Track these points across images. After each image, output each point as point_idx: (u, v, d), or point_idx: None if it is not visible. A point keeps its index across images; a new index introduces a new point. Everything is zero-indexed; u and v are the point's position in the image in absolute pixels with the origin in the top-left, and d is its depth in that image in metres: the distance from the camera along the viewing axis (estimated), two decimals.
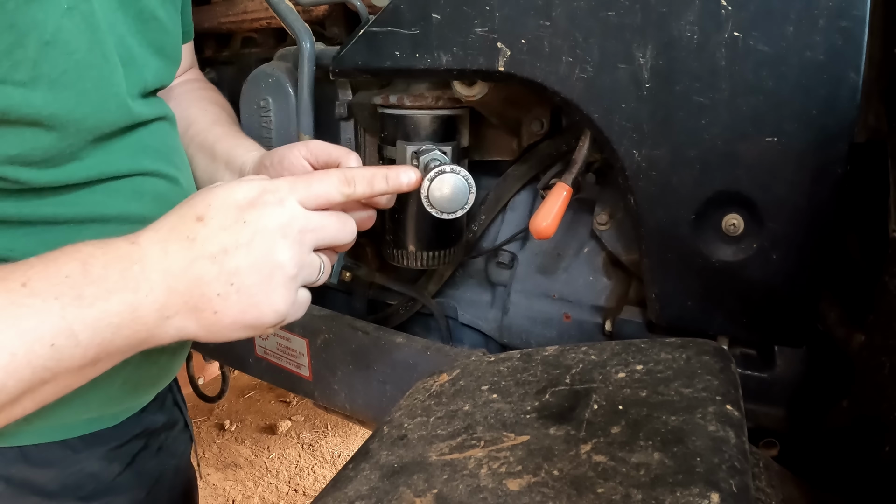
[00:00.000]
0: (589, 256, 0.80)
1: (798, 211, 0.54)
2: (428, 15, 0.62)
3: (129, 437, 0.69)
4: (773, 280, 0.57)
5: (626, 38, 0.55)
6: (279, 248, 0.47)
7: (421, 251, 0.78)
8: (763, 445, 0.65)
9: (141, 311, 0.44)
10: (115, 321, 0.43)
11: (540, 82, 0.60)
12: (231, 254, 0.46)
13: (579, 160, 0.64)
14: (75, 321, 0.41)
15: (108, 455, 0.66)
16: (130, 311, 0.44)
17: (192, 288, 0.46)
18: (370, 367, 0.83)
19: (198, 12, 1.05)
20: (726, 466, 0.34)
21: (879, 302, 0.47)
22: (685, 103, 0.55)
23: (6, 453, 0.57)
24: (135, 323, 0.44)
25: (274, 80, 0.82)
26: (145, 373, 0.65)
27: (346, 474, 0.43)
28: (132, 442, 0.69)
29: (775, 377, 0.65)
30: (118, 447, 0.67)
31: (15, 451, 0.58)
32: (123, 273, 0.44)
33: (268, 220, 0.47)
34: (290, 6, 0.77)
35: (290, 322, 0.51)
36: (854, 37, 0.48)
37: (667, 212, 0.59)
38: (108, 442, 0.66)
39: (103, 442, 0.65)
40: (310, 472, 2.12)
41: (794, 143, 0.52)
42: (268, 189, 0.48)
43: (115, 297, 0.43)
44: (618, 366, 0.47)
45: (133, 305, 0.44)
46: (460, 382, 0.52)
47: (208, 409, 2.39)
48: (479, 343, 0.92)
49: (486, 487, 0.37)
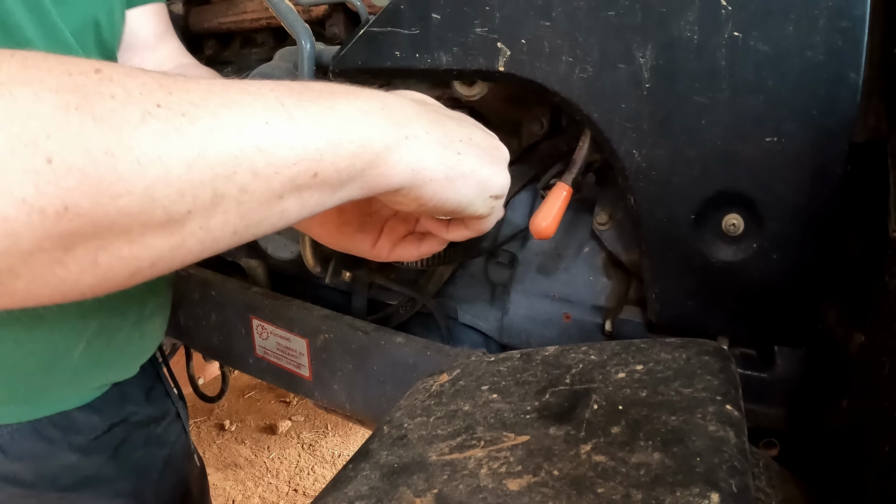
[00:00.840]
0: (589, 256, 0.80)
1: (798, 211, 0.54)
2: (428, 15, 0.62)
3: (106, 426, 0.67)
4: (773, 280, 0.57)
5: (626, 38, 0.55)
6: (500, 143, 0.51)
7: None
8: (763, 445, 0.65)
9: (374, 117, 0.39)
10: (340, 119, 0.37)
11: (540, 82, 0.60)
12: (466, 126, 0.49)
13: (579, 160, 0.64)
14: (292, 106, 0.35)
15: (86, 446, 0.65)
16: (360, 113, 0.39)
17: (435, 125, 0.44)
18: (370, 367, 0.83)
19: (198, 12, 1.05)
20: (726, 466, 0.34)
21: (879, 302, 0.47)
22: (685, 103, 0.55)
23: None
24: (365, 123, 0.39)
25: (274, 80, 0.82)
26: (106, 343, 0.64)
27: (346, 474, 0.43)
28: (112, 432, 0.68)
29: (775, 377, 0.65)
30: (96, 438, 0.66)
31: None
32: (350, 89, 0.40)
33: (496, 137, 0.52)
34: (290, 6, 0.77)
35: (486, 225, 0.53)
36: (854, 37, 0.48)
37: (667, 212, 0.59)
38: (84, 432, 0.65)
39: (79, 432, 0.64)
40: (310, 472, 2.12)
41: (794, 143, 0.52)
42: None
43: (342, 99, 0.38)
44: (618, 366, 0.47)
45: (364, 110, 0.39)
46: (460, 382, 0.52)
47: (208, 409, 2.39)
48: (479, 343, 0.92)
49: (486, 487, 0.37)
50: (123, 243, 0.30)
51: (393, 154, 0.40)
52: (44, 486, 0.63)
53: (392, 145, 0.40)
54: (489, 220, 0.53)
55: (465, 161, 0.45)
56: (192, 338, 1.09)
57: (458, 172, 0.45)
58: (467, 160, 0.46)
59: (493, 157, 0.49)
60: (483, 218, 0.51)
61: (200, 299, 1.04)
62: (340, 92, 0.40)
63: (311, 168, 0.36)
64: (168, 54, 0.80)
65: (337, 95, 0.39)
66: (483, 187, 0.48)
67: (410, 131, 0.41)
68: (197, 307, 1.05)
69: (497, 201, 0.51)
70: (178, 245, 0.32)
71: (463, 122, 0.50)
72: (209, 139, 0.31)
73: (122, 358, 0.68)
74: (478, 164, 0.47)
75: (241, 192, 0.33)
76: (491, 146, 0.50)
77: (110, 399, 0.69)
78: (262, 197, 0.34)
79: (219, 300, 1.02)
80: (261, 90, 0.36)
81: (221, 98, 0.33)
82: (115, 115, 0.29)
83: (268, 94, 0.35)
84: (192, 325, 1.08)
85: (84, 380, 0.64)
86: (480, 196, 0.48)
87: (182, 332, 1.09)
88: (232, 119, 0.33)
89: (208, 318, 1.04)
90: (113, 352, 0.66)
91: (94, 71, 0.30)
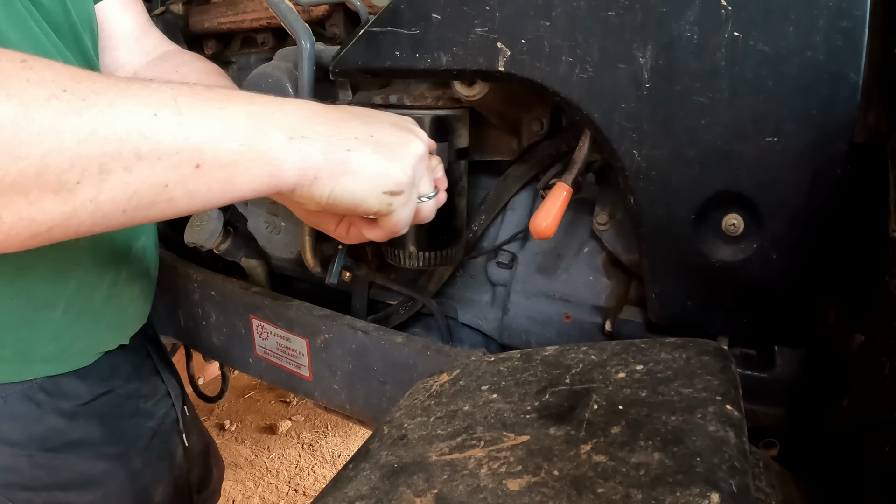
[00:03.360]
0: (589, 256, 0.80)
1: (798, 211, 0.54)
2: (428, 15, 0.62)
3: (92, 395, 0.72)
4: (773, 280, 0.57)
5: (626, 38, 0.55)
6: (414, 140, 0.51)
7: (420, 251, 0.78)
8: (763, 445, 0.65)
9: (261, 120, 0.43)
10: (226, 118, 0.41)
11: (540, 82, 0.60)
12: (376, 123, 0.49)
13: (579, 160, 0.64)
14: (184, 103, 0.40)
15: (72, 412, 0.70)
16: (248, 115, 0.42)
17: (331, 125, 0.46)
18: (370, 367, 0.83)
19: (198, 12, 1.05)
20: (726, 466, 0.34)
21: (879, 302, 0.47)
22: (685, 103, 0.55)
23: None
24: (250, 124, 0.42)
25: (274, 80, 0.82)
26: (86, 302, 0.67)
27: (346, 474, 0.43)
28: (98, 400, 0.73)
29: (775, 377, 0.65)
30: (83, 405, 0.71)
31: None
32: (251, 96, 0.43)
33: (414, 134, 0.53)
34: (290, 6, 0.77)
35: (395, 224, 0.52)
36: (854, 37, 0.48)
37: (667, 212, 0.59)
38: (70, 398, 0.70)
39: (66, 398, 0.69)
40: (310, 472, 2.12)
41: (794, 143, 0.52)
42: None
43: (237, 102, 0.42)
44: (618, 366, 0.47)
45: (253, 113, 0.42)
46: (460, 382, 0.52)
47: (208, 409, 2.39)
48: (479, 343, 0.92)
49: (486, 487, 0.37)
50: (23, 204, 0.36)
51: (278, 154, 0.43)
52: (32, 447, 0.67)
53: (276, 146, 0.43)
54: (394, 218, 0.52)
55: (355, 157, 0.46)
56: (192, 338, 1.09)
57: (345, 169, 0.46)
58: (357, 156, 0.47)
59: (392, 154, 0.49)
60: (387, 216, 0.51)
61: (200, 299, 1.04)
62: (239, 97, 0.43)
63: (194, 158, 0.40)
64: (153, 44, 0.82)
65: (233, 99, 0.43)
66: (374, 183, 0.48)
67: (298, 132, 0.44)
68: (197, 307, 1.05)
69: (395, 198, 0.50)
70: (71, 214, 0.38)
71: (372, 121, 0.50)
72: (100, 121, 0.37)
73: (103, 321, 0.71)
74: (370, 161, 0.47)
75: (126, 172, 0.38)
76: (397, 142, 0.50)
77: (98, 370, 0.73)
78: (148, 181, 0.39)
79: (219, 300, 1.02)
80: (161, 88, 0.40)
81: (121, 90, 0.38)
82: (27, 93, 0.35)
83: (165, 91, 0.40)
84: (192, 325, 1.08)
85: (68, 340, 0.67)
86: (373, 193, 0.48)
87: (182, 332, 1.09)
88: (125, 107, 0.38)
89: (208, 318, 1.04)
90: (93, 313, 0.69)
91: (21, 61, 0.36)
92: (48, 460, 0.69)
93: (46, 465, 0.69)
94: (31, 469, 0.68)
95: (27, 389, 0.66)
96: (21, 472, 0.68)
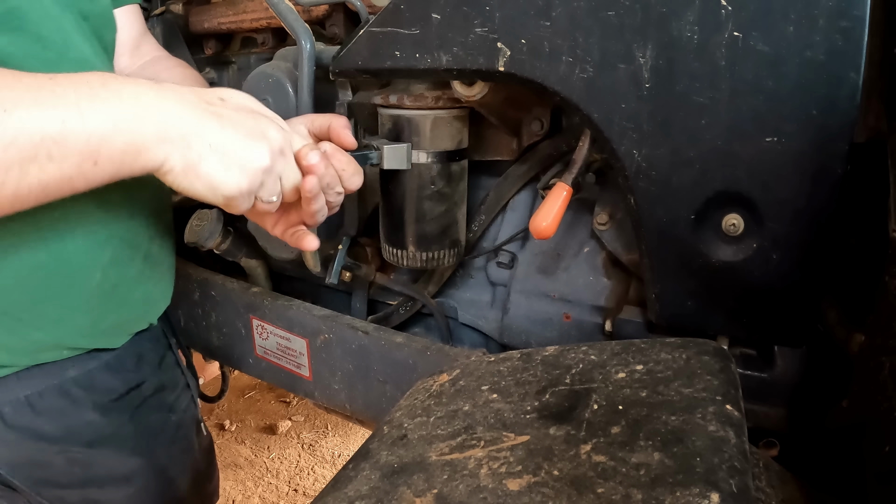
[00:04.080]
0: (589, 256, 0.80)
1: (798, 211, 0.54)
2: (428, 15, 0.63)
3: (125, 389, 0.75)
4: (773, 280, 0.57)
5: (626, 38, 0.55)
6: (271, 132, 0.56)
7: (420, 251, 0.78)
8: (763, 445, 0.65)
9: (143, 124, 0.50)
10: (119, 121, 0.49)
11: (540, 82, 0.60)
12: (232, 117, 0.54)
13: (579, 160, 0.64)
14: (87, 110, 0.48)
15: (106, 406, 0.73)
16: (134, 118, 0.50)
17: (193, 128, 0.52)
18: (370, 367, 0.83)
19: (198, 12, 1.05)
20: (726, 466, 0.34)
21: (879, 302, 0.47)
22: (685, 103, 0.55)
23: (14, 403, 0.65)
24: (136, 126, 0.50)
25: (274, 80, 0.82)
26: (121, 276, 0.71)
27: (346, 474, 0.43)
28: (130, 395, 0.76)
29: (775, 377, 0.65)
30: (116, 399, 0.74)
31: (22, 401, 0.66)
32: (137, 93, 0.51)
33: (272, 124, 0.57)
34: (290, 6, 0.77)
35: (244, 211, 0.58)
36: (854, 37, 0.48)
37: (667, 212, 0.59)
38: (105, 393, 0.73)
39: (100, 392, 0.72)
40: (310, 472, 2.12)
41: (794, 143, 0.52)
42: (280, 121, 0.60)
43: (127, 102, 0.50)
44: (618, 366, 0.47)
45: (139, 115, 0.50)
46: (460, 382, 0.52)
47: (208, 409, 2.39)
48: (479, 343, 0.92)
49: (486, 487, 0.37)
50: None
51: (151, 152, 0.51)
52: (67, 442, 0.69)
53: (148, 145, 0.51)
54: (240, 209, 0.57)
55: (203, 164, 0.52)
56: (192, 338, 1.09)
57: (195, 173, 0.53)
58: (206, 163, 0.53)
59: (234, 164, 0.54)
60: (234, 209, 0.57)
61: (200, 299, 1.04)
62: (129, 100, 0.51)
63: (93, 157, 0.49)
64: (148, 51, 0.86)
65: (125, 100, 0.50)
66: (212, 188, 0.53)
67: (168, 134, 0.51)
68: (197, 307, 1.05)
69: (233, 200, 0.55)
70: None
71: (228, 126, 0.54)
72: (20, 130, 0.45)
73: (133, 298, 0.74)
74: (214, 169, 0.53)
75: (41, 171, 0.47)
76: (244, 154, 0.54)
77: (126, 360, 0.75)
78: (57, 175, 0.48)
79: (219, 300, 1.02)
80: (66, 91, 0.48)
81: (34, 98, 0.46)
82: None
83: (70, 96, 0.48)
84: (192, 325, 1.08)
85: (99, 314, 0.69)
86: (214, 196, 0.54)
87: (182, 332, 1.09)
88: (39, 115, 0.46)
89: (208, 318, 1.04)
90: (126, 286, 0.72)
91: None
92: (84, 456, 0.71)
93: (83, 461, 0.71)
94: (66, 465, 0.70)
95: (63, 384, 0.68)
96: (56, 468, 0.69)
